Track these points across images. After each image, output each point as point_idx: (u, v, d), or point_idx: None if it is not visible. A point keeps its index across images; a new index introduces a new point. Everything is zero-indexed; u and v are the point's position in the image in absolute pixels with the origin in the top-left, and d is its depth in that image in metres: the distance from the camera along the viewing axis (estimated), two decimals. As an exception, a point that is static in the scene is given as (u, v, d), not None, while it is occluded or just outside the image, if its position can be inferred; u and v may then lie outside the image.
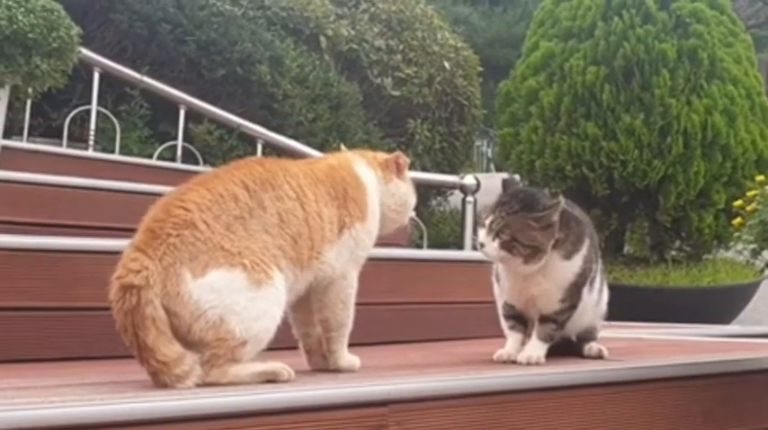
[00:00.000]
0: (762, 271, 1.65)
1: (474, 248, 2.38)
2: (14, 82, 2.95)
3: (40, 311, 1.79)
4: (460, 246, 4.26)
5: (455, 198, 5.87)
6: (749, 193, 1.65)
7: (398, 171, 1.72)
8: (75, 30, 3.09)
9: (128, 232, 1.44)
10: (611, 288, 1.97)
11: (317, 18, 5.94)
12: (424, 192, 5.99)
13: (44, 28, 2.84)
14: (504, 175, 2.79)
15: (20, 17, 2.79)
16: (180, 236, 1.38)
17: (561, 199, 1.75)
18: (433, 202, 6.79)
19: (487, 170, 13.03)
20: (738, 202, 1.69)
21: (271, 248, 1.43)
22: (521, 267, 1.74)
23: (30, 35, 2.82)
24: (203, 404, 1.21)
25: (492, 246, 1.72)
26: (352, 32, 6.09)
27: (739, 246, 1.66)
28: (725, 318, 5.12)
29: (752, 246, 1.61)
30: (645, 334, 2.73)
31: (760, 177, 1.68)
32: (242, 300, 1.38)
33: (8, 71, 2.83)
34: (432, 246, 4.92)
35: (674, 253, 5.60)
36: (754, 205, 1.62)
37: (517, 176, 5.25)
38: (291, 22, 5.84)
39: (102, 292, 1.38)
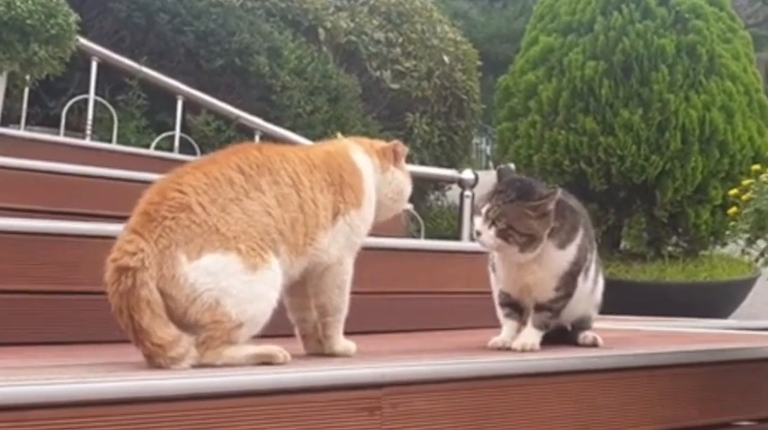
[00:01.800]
0: (756, 260, 1.66)
1: (471, 241, 2.39)
2: (12, 68, 2.95)
3: (37, 295, 1.79)
4: (458, 241, 4.26)
5: (453, 193, 5.87)
6: (744, 182, 1.66)
7: (396, 159, 1.72)
8: (74, 17, 3.09)
9: (125, 220, 1.44)
10: (608, 283, 1.98)
11: (316, 10, 5.93)
12: (422, 186, 5.99)
13: (42, 14, 2.84)
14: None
15: (18, 3, 2.79)
16: (175, 218, 1.38)
17: (558, 188, 1.75)
18: (431, 197, 6.79)
19: (486, 167, 13.03)
20: (734, 191, 1.70)
21: (272, 232, 1.43)
22: (516, 256, 1.75)
23: (28, 21, 2.81)
24: (198, 383, 1.21)
25: (488, 234, 1.72)
26: (352, 25, 6.09)
27: (735, 236, 1.67)
28: (721, 313, 5.13)
29: (747, 235, 1.61)
30: (641, 326, 2.73)
31: (755, 167, 1.69)
32: (237, 282, 1.38)
33: (6, 57, 2.83)
34: (429, 239, 4.92)
35: (670, 248, 5.61)
36: (749, 194, 1.62)
37: (512, 165, 5.24)
38: (290, 13, 5.84)
39: (100, 277, 1.38)
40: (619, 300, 2.26)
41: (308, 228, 1.51)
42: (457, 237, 4.37)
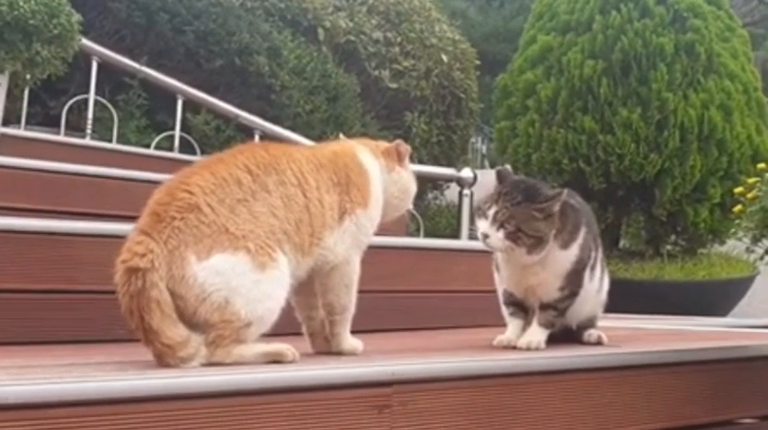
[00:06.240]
0: (761, 257, 1.67)
1: (470, 239, 2.39)
2: (14, 68, 2.94)
3: (40, 294, 1.79)
4: (457, 239, 4.27)
5: (451, 192, 5.87)
6: (750, 180, 1.67)
7: (399, 159, 1.73)
8: (76, 17, 3.09)
9: (125, 219, 1.44)
10: (607, 281, 1.98)
11: (315, 9, 5.93)
12: (421, 184, 5.99)
13: (45, 14, 2.83)
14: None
15: (21, 3, 2.79)
16: (184, 219, 1.39)
17: (564, 189, 1.76)
18: (430, 196, 6.80)
19: (482, 166, 13.03)
20: (739, 189, 1.70)
21: (277, 232, 1.44)
22: (524, 257, 1.74)
23: (30, 21, 2.81)
24: (207, 382, 1.22)
25: (497, 237, 1.72)
26: (351, 24, 6.09)
27: (739, 233, 1.68)
28: (719, 312, 5.14)
29: (751, 232, 1.62)
30: (643, 324, 2.74)
31: (761, 165, 1.69)
32: (247, 282, 1.38)
33: (8, 57, 2.83)
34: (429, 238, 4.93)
35: (669, 247, 5.62)
36: (754, 192, 1.63)
37: (509, 166, 5.25)
38: (289, 13, 5.84)
39: (102, 275, 1.38)
40: (617, 297, 2.26)
41: (314, 228, 1.51)
42: (456, 235, 4.38)
